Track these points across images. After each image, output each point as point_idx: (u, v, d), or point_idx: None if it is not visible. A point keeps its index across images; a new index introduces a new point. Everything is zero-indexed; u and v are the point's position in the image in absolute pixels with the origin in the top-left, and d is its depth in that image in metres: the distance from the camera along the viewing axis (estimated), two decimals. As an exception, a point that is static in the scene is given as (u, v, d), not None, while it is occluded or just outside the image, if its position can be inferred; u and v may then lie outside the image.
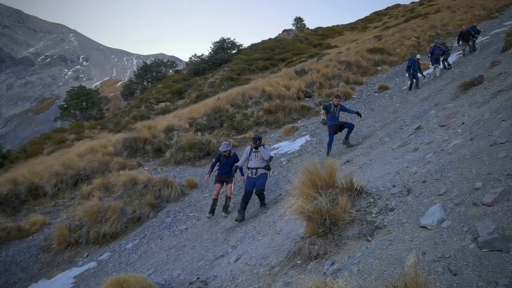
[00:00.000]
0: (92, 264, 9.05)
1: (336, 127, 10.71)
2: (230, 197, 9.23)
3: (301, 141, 13.11)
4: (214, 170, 9.40)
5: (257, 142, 8.47)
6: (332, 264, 3.34)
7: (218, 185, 9.32)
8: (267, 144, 11.87)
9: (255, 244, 6.01)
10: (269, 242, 5.62)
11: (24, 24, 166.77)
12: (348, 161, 8.90)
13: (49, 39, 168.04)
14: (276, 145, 13.60)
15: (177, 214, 10.48)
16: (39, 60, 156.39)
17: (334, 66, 22.38)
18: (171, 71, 59.58)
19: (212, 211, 9.19)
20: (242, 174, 9.38)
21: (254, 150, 8.56)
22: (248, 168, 8.62)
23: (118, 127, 30.54)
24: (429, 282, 2.15)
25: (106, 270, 8.52)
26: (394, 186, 4.33)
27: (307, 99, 18.32)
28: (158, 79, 52.79)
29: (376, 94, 16.86)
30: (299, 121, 15.86)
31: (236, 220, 8.31)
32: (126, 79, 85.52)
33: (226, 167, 9.20)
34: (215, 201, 9.23)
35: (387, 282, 2.14)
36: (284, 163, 11.55)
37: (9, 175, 15.81)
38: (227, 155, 9.21)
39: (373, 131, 11.48)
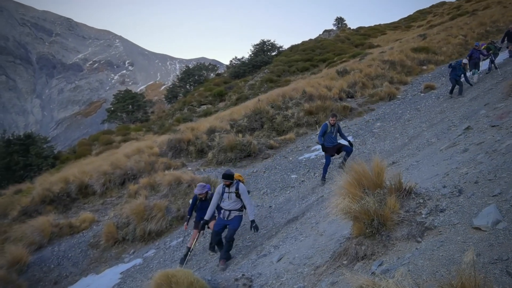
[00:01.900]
0: (138, 260, 9.36)
1: (333, 149, 9.89)
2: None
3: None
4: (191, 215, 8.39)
5: (233, 179, 7.11)
6: (380, 264, 3.28)
7: (195, 231, 8.14)
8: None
9: (297, 245, 5.99)
10: (312, 243, 5.58)
11: (74, 32, 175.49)
12: (394, 163, 8.67)
13: (96, 45, 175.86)
14: (317, 147, 13.46)
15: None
16: (87, 65, 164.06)
17: (377, 65, 21.88)
18: (212, 74, 60.60)
19: (182, 261, 8.07)
20: (197, 219, 8.19)
21: (227, 189, 7.14)
22: (221, 208, 7.35)
23: (162, 129, 31.43)
24: (488, 282, 2.06)
25: (151, 266, 8.78)
26: (444, 186, 4.18)
27: (349, 99, 18.03)
28: (200, 83, 53.83)
29: (422, 94, 16.31)
30: (341, 122, 15.62)
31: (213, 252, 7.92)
32: (170, 83, 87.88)
33: (204, 211, 7.74)
34: (188, 250, 8.15)
35: (442, 282, 2.07)
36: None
37: (60, 175, 16.71)
38: (203, 198, 8.16)
39: (420, 132, 11.11)
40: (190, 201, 8.81)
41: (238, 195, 7.17)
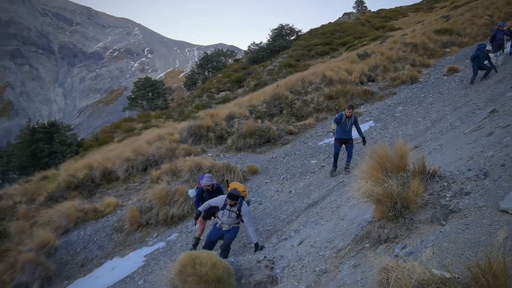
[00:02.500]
0: (161, 244, 9.56)
1: (342, 141, 9.56)
2: None
3: (364, 127, 12.74)
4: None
5: (237, 200, 6.70)
6: (403, 247, 3.26)
7: (201, 220, 7.90)
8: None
9: (318, 229, 6.00)
10: (333, 227, 5.58)
11: (93, 20, 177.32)
12: (416, 147, 8.53)
13: (116, 34, 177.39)
14: (338, 131, 13.37)
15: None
16: (107, 53, 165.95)
17: (399, 48, 21.38)
18: (230, 60, 60.52)
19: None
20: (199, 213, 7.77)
21: (228, 207, 6.74)
22: (217, 218, 7.03)
23: (182, 116, 31.70)
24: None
25: (174, 249, 8.97)
26: (469, 170, 4.10)
27: (370, 83, 17.72)
28: (218, 69, 53.88)
29: (445, 77, 15.90)
30: (362, 106, 15.42)
31: None
32: (188, 70, 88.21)
33: None
34: (197, 240, 8.12)
35: (468, 264, 2.05)
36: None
37: (84, 161, 17.12)
38: (210, 189, 7.93)
39: (443, 115, 10.88)
40: (190, 191, 8.82)
41: (239, 216, 6.78)
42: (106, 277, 8.80)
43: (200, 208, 6.89)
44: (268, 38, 52.44)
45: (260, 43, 54.58)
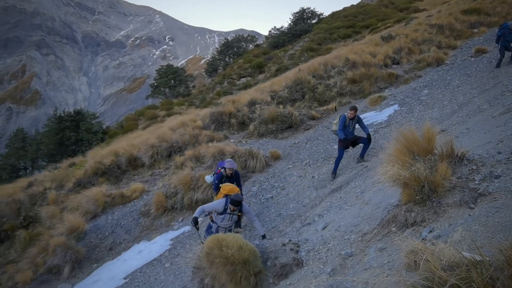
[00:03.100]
0: (187, 228, 9.75)
1: (347, 142, 9.20)
2: None
3: (389, 111, 12.52)
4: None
5: (239, 207, 6.44)
6: (431, 231, 3.22)
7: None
8: None
9: (342, 214, 5.99)
10: (358, 211, 5.56)
11: (115, 9, 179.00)
12: (443, 131, 8.34)
13: (137, 22, 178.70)
14: (361, 116, 13.14)
15: (262, 184, 10.76)
16: (129, 42, 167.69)
17: (424, 30, 20.74)
18: (251, 45, 60.19)
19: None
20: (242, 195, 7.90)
21: (230, 211, 6.48)
22: (213, 222, 6.80)
23: (204, 103, 31.90)
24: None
25: (199, 233, 9.13)
26: (499, 153, 4.00)
27: (395, 66, 17.33)
28: (239, 55, 53.71)
29: (473, 59, 15.36)
30: (387, 90, 15.12)
31: None
32: (209, 57, 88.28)
33: None
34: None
35: (501, 247, 2.01)
36: (371, 134, 11.17)
37: (110, 148, 17.50)
38: (230, 175, 8.02)
39: (470, 98, 10.56)
40: (207, 178, 8.82)
41: (241, 216, 6.71)
42: (134, 260, 9.07)
43: (196, 215, 6.47)
44: (289, 22, 51.88)
45: (281, 27, 54.06)
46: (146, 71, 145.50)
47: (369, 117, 12.77)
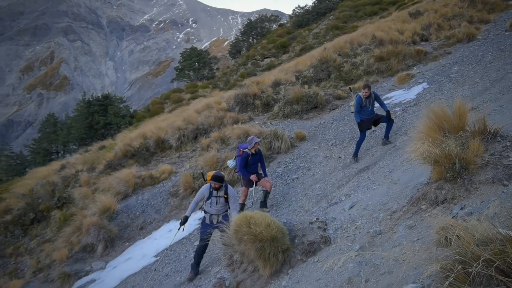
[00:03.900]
0: (214, 208, 9.93)
1: (369, 122, 8.85)
2: (269, 191, 8.40)
3: (417, 89, 12.20)
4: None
5: (222, 183, 6.57)
6: (462, 208, 3.17)
7: (244, 188, 8.40)
8: None
9: (370, 193, 5.95)
10: (386, 191, 5.51)
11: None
12: (474, 108, 8.07)
13: (161, 5, 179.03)
14: (389, 95, 12.90)
15: (288, 165, 10.78)
16: (153, 26, 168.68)
17: (455, 4, 19.85)
18: (274, 25, 59.43)
19: None
20: (266, 174, 8.35)
21: (215, 193, 6.58)
22: (205, 212, 6.81)
23: (228, 85, 31.92)
24: None
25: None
26: (536, 128, 3.85)
27: (423, 43, 16.76)
28: (263, 35, 53.17)
29: (507, 33, 14.64)
30: (415, 68, 14.69)
31: (188, 280, 6.87)
32: (232, 38, 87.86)
33: (253, 166, 8.21)
34: (242, 206, 8.33)
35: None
36: (398, 113, 10.93)
37: (138, 131, 17.86)
38: (254, 153, 8.11)
39: (504, 74, 10.15)
40: (229, 162, 8.87)
41: (227, 200, 6.64)
42: (164, 239, 9.34)
43: (187, 213, 6.72)
44: (314, 0, 50.66)
45: (305, 6, 53.06)
46: (171, 54, 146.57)
47: (397, 95, 12.49)
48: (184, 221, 6.69)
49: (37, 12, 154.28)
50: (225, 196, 6.61)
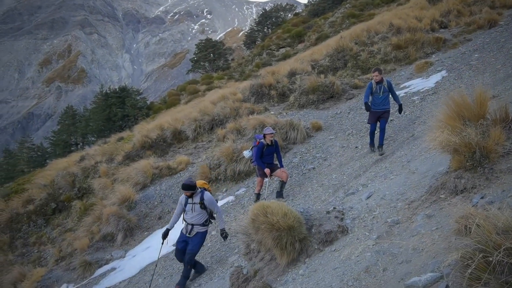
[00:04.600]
0: (231, 198, 10.02)
1: (378, 114, 8.29)
2: (285, 182, 8.38)
3: (436, 77, 11.97)
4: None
5: (194, 190, 6.34)
6: (482, 197, 3.12)
7: (259, 179, 8.41)
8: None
9: (387, 183, 5.89)
10: (404, 180, 5.45)
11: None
12: (494, 97, 7.88)
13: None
14: (407, 83, 12.70)
15: (304, 155, 10.76)
16: (168, 17, 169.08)
17: (476, -11, 19.32)
18: (290, 15, 58.94)
19: None
20: (282, 165, 8.39)
21: (190, 200, 6.40)
22: (184, 220, 6.65)
23: (243, 76, 31.87)
24: None
25: (243, 203, 9.37)
26: (560, 117, 3.74)
27: (442, 30, 16.39)
28: (278, 25, 52.78)
29: (532, 18, 14.23)
30: (434, 55, 14.39)
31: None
32: (247, 28, 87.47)
33: (269, 157, 8.21)
34: (258, 196, 8.47)
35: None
36: (417, 102, 10.76)
37: (156, 123, 18.07)
38: (270, 144, 8.12)
39: (527, 60, 9.87)
40: (245, 153, 8.84)
41: (203, 206, 6.43)
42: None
43: (169, 226, 6.65)
44: (330, -12, 49.91)
45: (321, -6, 52.20)
46: (186, 46, 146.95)
47: (416, 84, 12.29)
48: (165, 234, 6.58)
49: (54, 5, 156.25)
50: (201, 202, 6.39)
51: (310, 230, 4.17)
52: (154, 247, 9.42)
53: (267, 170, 8.02)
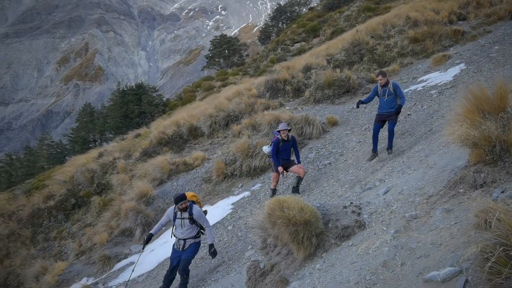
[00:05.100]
0: (246, 193, 10.07)
1: (383, 117, 8.06)
2: (302, 178, 8.33)
3: (454, 70, 11.75)
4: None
5: (186, 204, 6.25)
6: (503, 191, 3.08)
7: (275, 174, 8.37)
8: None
9: (405, 178, 5.84)
10: (422, 175, 5.39)
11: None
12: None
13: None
14: (424, 77, 12.51)
15: (320, 150, 10.72)
16: (183, 14, 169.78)
17: (496, -21, 18.85)
18: (304, 9, 58.52)
19: None
20: (299, 161, 8.34)
21: (179, 215, 6.31)
22: (173, 236, 6.58)
23: (258, 71, 31.84)
24: None
25: (258, 198, 9.41)
26: None
27: (461, 22, 16.07)
28: (292, 20, 52.48)
29: (555, 7, 13.81)
30: (452, 48, 14.12)
31: None
32: (262, 24, 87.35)
33: (285, 153, 8.18)
34: (273, 191, 8.50)
35: None
36: (434, 96, 10.59)
37: (172, 119, 18.23)
38: (285, 139, 8.08)
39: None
40: (265, 148, 8.92)
41: (192, 221, 6.32)
42: (199, 223, 9.56)
43: (152, 231, 6.56)
44: (344, -18, 49.33)
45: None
46: (201, 42, 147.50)
47: (433, 77, 12.09)
48: (147, 240, 6.50)
49: (71, 4, 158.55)
50: (190, 217, 6.30)
51: (327, 225, 4.17)
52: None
53: (280, 169, 8.08)
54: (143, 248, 6.81)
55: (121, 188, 13.19)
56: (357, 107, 8.74)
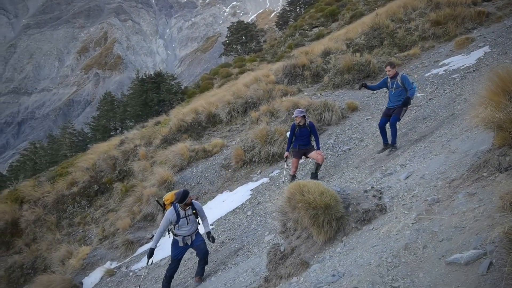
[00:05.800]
0: (265, 179, 10.13)
1: (389, 111, 7.81)
2: (320, 164, 8.21)
3: (478, 53, 11.41)
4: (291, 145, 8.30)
5: (192, 198, 6.39)
6: (528, 175, 3.02)
7: (295, 160, 8.25)
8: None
9: (426, 163, 5.76)
10: (444, 160, 5.31)
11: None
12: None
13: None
14: (446, 61, 12.21)
15: (339, 136, 10.66)
16: (200, 1, 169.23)
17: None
18: (323, -7, 57.45)
19: None
20: (319, 147, 8.14)
21: (183, 214, 6.31)
22: (176, 235, 6.51)
23: (275, 57, 31.61)
24: None
25: (277, 184, 9.45)
26: None
27: (485, 3, 15.52)
28: (311, 4, 51.64)
29: None
30: (475, 31, 13.69)
31: None
32: (279, 9, 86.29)
33: (302, 139, 8.02)
34: (293, 177, 8.32)
35: None
36: (457, 80, 10.35)
37: (190, 107, 18.37)
38: (302, 125, 7.90)
39: None
40: (288, 134, 8.82)
41: (196, 215, 6.47)
42: (219, 209, 9.71)
43: (152, 245, 6.34)
44: (364, -36, 48.14)
45: (355, -29, 50.47)
46: (218, 29, 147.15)
47: (455, 61, 11.79)
48: (150, 254, 6.38)
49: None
50: (194, 212, 6.40)
51: (347, 209, 4.18)
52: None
53: (286, 154, 8.29)
54: (147, 263, 6.81)
55: (143, 175, 13.44)
56: (359, 88, 8.47)
